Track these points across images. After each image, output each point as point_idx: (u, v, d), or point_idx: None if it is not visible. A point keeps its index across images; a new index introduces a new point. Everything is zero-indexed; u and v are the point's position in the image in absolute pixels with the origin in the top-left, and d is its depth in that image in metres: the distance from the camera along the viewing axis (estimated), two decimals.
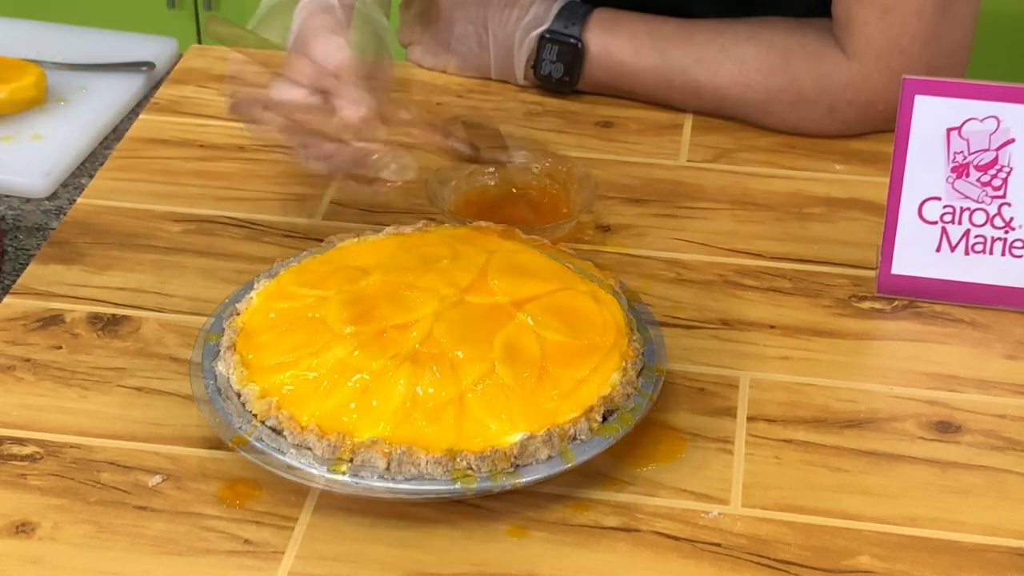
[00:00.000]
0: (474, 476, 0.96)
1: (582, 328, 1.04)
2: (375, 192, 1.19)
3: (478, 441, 0.97)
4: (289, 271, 1.11)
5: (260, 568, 0.95)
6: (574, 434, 0.99)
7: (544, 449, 0.98)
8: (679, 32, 1.39)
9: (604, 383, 1.01)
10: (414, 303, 1.05)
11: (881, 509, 1.00)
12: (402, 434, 0.97)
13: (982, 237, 1.16)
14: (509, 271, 1.08)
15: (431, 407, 0.98)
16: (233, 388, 1.02)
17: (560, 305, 1.05)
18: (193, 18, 2.70)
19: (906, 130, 1.14)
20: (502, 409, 0.99)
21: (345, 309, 1.04)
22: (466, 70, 1.47)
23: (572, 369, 1.01)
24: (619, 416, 1.01)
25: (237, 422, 1.00)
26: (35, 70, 1.41)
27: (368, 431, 0.98)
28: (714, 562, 0.96)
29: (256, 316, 1.07)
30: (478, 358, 1.01)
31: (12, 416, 1.06)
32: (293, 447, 0.98)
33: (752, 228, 1.27)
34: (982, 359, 1.13)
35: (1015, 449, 1.05)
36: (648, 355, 1.05)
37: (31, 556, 0.96)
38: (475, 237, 1.13)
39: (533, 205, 1.26)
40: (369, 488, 0.96)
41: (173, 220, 1.26)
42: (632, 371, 1.03)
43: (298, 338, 1.04)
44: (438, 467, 0.96)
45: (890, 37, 1.31)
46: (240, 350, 1.04)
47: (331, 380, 1.00)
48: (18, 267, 1.21)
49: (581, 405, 1.00)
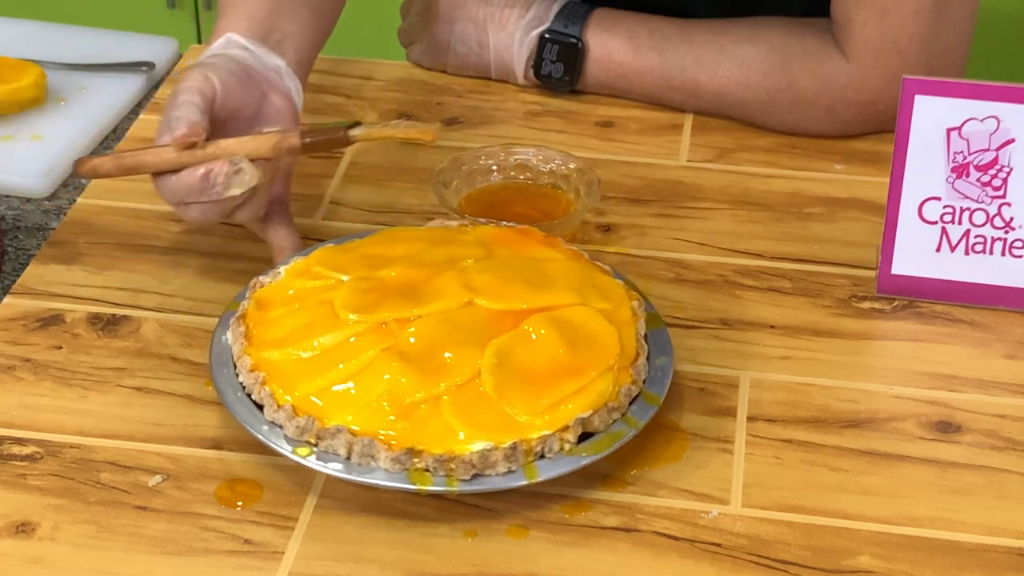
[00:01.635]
0: (430, 478, 0.96)
1: (582, 346, 1.02)
2: (234, 218, 1.15)
3: (441, 444, 0.97)
4: (325, 249, 1.12)
5: (260, 568, 0.95)
6: (542, 451, 0.98)
7: (505, 462, 0.97)
8: (679, 32, 1.39)
9: (586, 405, 0.99)
10: (422, 299, 1.05)
11: (881, 509, 1.00)
12: (370, 426, 0.98)
13: (982, 237, 1.16)
14: (530, 279, 1.07)
15: (406, 403, 0.99)
16: (232, 358, 1.04)
17: (569, 320, 1.04)
18: (193, 18, 2.70)
19: (906, 130, 1.14)
20: (472, 416, 0.98)
21: (355, 296, 1.05)
22: (466, 70, 1.47)
23: (557, 386, 1.00)
24: (596, 440, 0.99)
25: (227, 393, 1.02)
26: (35, 70, 1.41)
27: (337, 418, 0.98)
28: (714, 562, 0.96)
29: (276, 290, 1.09)
30: (466, 363, 1.00)
31: (12, 416, 1.06)
32: (266, 424, 1.00)
33: (752, 228, 1.27)
34: (982, 359, 1.13)
35: (1015, 449, 1.05)
36: (651, 382, 1.04)
37: (31, 556, 0.96)
38: (515, 241, 1.12)
39: (537, 203, 1.26)
40: (334, 472, 0.98)
41: (173, 220, 1.26)
42: (624, 397, 1.01)
43: (303, 318, 1.05)
44: (396, 464, 0.97)
45: (888, 38, 1.31)
46: (248, 322, 1.06)
47: (319, 364, 1.01)
48: (18, 267, 1.21)
49: (555, 423, 0.98)
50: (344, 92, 1.44)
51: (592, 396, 1.00)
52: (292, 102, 1.20)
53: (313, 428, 0.98)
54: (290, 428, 0.99)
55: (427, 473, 0.97)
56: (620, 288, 1.09)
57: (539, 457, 0.98)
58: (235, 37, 1.20)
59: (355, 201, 1.29)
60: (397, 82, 1.47)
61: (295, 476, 1.01)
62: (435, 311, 1.04)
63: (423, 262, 1.08)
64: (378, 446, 0.97)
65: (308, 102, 1.42)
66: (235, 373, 1.04)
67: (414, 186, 1.31)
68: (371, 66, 1.49)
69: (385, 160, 1.35)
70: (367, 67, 1.49)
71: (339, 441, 0.97)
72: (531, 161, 1.28)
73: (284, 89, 1.20)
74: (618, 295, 1.08)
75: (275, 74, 1.20)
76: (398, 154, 1.36)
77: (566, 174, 1.27)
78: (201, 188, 1.11)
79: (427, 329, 1.03)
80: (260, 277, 1.11)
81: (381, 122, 1.15)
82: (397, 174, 1.33)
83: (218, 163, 1.10)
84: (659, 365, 1.05)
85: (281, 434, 0.99)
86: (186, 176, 1.11)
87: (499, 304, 1.05)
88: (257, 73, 1.18)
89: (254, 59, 1.19)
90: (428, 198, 1.29)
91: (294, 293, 1.08)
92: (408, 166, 1.34)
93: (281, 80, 1.20)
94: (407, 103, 1.43)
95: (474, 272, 1.07)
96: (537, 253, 1.11)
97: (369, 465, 0.97)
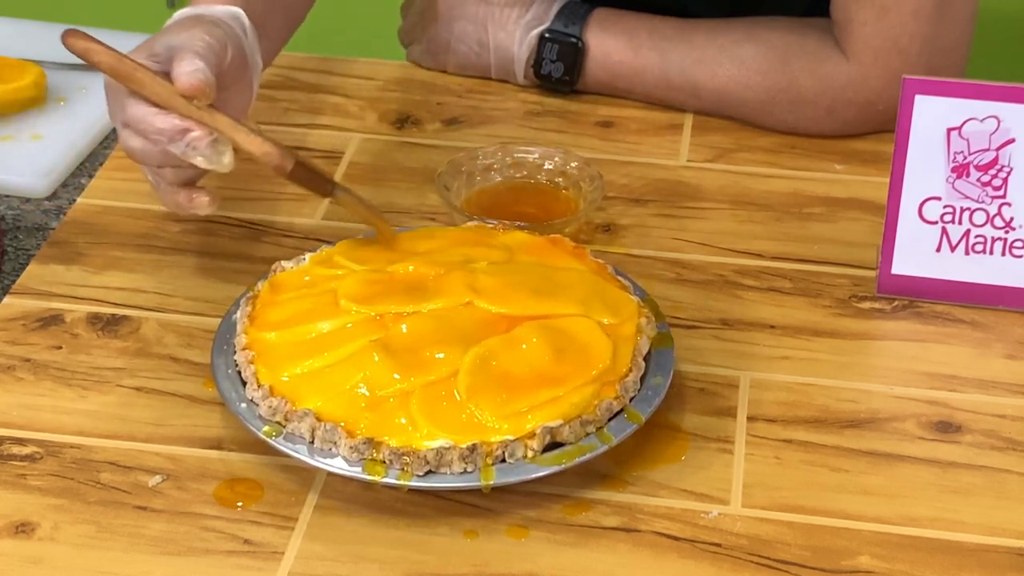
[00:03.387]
0: (384, 470, 0.97)
1: (570, 357, 1.02)
2: (165, 176, 1.11)
3: (400, 438, 0.98)
4: (352, 240, 1.14)
5: (260, 568, 0.95)
6: (502, 455, 0.98)
7: (460, 462, 0.97)
8: (679, 32, 1.39)
9: (555, 415, 0.99)
10: (425, 296, 1.05)
11: (881, 509, 1.00)
12: (337, 413, 0.99)
13: (982, 237, 1.16)
14: (537, 286, 1.07)
15: (378, 395, 0.99)
16: (234, 336, 1.06)
17: (563, 329, 1.03)
18: None
19: (906, 130, 1.14)
20: (437, 413, 0.98)
21: (359, 287, 1.06)
22: (466, 69, 1.47)
23: (532, 394, 0.99)
24: (563, 451, 0.99)
25: (219, 368, 1.04)
26: (35, 70, 1.41)
27: (308, 402, 0.99)
28: (714, 562, 0.96)
29: (293, 275, 1.10)
30: (447, 362, 1.00)
31: (12, 416, 1.06)
32: (245, 402, 1.01)
33: (752, 228, 1.27)
34: (982, 359, 1.13)
35: (1015, 449, 1.05)
36: (639, 400, 1.02)
37: (31, 556, 0.96)
38: (541, 249, 1.12)
39: (540, 202, 1.26)
40: (296, 455, 0.99)
41: (173, 220, 1.26)
42: (603, 412, 1.00)
43: (306, 303, 1.06)
44: (354, 452, 0.97)
45: (888, 37, 1.31)
46: (258, 303, 1.07)
47: (307, 348, 1.02)
48: (18, 267, 1.21)
49: (519, 430, 0.98)
50: (344, 92, 1.44)
51: (564, 407, 0.99)
52: (249, 103, 1.18)
53: (283, 409, 1.00)
54: (263, 407, 1.01)
55: (383, 465, 0.97)
56: (632, 305, 1.08)
57: (500, 461, 0.98)
58: (243, 17, 1.17)
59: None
60: (397, 82, 1.47)
61: (295, 476, 1.01)
62: (432, 308, 1.04)
63: (438, 260, 1.09)
64: (340, 433, 0.98)
65: (307, 102, 1.42)
66: (233, 350, 1.06)
67: (414, 186, 1.31)
68: (371, 66, 1.49)
69: (385, 160, 1.35)
70: (367, 67, 1.49)
71: (304, 424, 0.99)
72: (531, 159, 1.28)
73: (252, 89, 1.18)
74: (627, 311, 1.07)
75: (254, 71, 1.18)
76: (398, 154, 1.36)
77: (567, 172, 1.27)
78: (172, 138, 1.06)
79: (419, 325, 1.03)
80: (283, 262, 1.12)
81: (363, 200, 1.14)
82: (397, 174, 1.33)
83: (204, 131, 1.06)
84: (653, 384, 1.04)
85: (256, 413, 1.01)
86: (165, 119, 1.06)
87: (497, 307, 1.04)
88: (248, 65, 1.17)
89: (248, 50, 1.17)
90: (428, 198, 1.29)
91: (309, 280, 1.09)
92: (408, 166, 1.34)
93: (253, 80, 1.19)
94: (407, 103, 1.43)
95: (483, 274, 1.07)
96: (560, 262, 1.11)
97: (331, 451, 0.98)
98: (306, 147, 1.36)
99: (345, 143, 1.37)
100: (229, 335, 1.07)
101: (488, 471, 0.97)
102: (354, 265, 1.09)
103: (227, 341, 1.07)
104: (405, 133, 1.39)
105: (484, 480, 0.97)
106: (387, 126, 1.40)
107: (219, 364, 1.05)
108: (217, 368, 1.05)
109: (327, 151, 1.35)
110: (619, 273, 1.12)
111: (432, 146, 1.36)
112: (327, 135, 1.38)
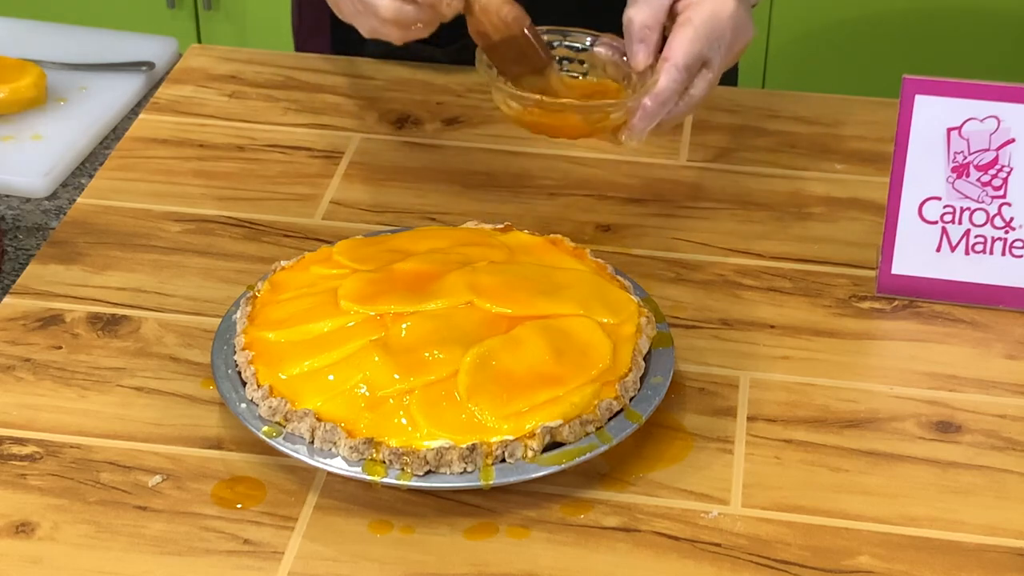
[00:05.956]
0: (384, 469, 0.97)
1: (569, 357, 1.02)
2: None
3: (400, 438, 0.98)
4: (351, 240, 1.14)
5: (260, 568, 0.95)
6: (502, 455, 0.98)
7: (460, 462, 0.97)
8: None
9: (556, 415, 0.99)
10: (425, 296, 1.05)
11: (881, 509, 1.00)
12: (337, 413, 0.99)
13: (982, 237, 1.16)
14: (537, 286, 1.07)
15: (378, 395, 0.99)
16: (234, 336, 1.06)
17: (563, 329, 1.04)
18: (193, 18, 2.70)
19: (906, 130, 1.14)
20: (437, 413, 0.98)
21: (359, 287, 1.06)
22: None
23: (532, 394, 0.99)
24: (562, 451, 0.99)
25: (219, 367, 1.04)
26: (35, 70, 1.41)
27: (309, 402, 1.00)
28: (714, 562, 0.96)
29: (293, 275, 1.10)
30: (447, 362, 1.00)
31: (12, 416, 1.06)
32: (245, 402, 1.01)
33: (752, 228, 1.27)
34: (982, 359, 1.13)
35: (1015, 449, 1.05)
36: (639, 400, 1.03)
37: (31, 556, 0.96)
38: (541, 249, 1.13)
39: (585, 88, 1.21)
40: (295, 454, 0.99)
41: (173, 220, 1.26)
42: (603, 412, 1.00)
43: (306, 303, 1.06)
44: (354, 453, 0.97)
45: None
46: (258, 302, 1.08)
47: (307, 348, 1.03)
48: (18, 267, 1.21)
49: (519, 430, 0.98)
50: (344, 92, 1.44)
51: (564, 407, 0.99)
52: None
53: (283, 410, 1.00)
54: (263, 408, 1.01)
55: (383, 465, 0.97)
56: (632, 305, 1.08)
57: (500, 461, 0.98)
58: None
59: (355, 201, 1.29)
60: (397, 82, 1.47)
61: (295, 476, 1.01)
62: (432, 308, 1.04)
63: (439, 261, 1.09)
64: (340, 433, 0.98)
65: (307, 102, 1.42)
66: (232, 350, 1.06)
67: (414, 186, 1.31)
68: (371, 66, 1.49)
69: (385, 160, 1.35)
70: (367, 67, 1.49)
71: (304, 425, 0.99)
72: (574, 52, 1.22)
73: None
74: (627, 311, 1.07)
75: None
76: (398, 154, 1.36)
77: (619, 64, 1.20)
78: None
79: (419, 325, 1.03)
80: (283, 262, 1.12)
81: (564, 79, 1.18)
82: (397, 174, 1.33)
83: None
84: (653, 384, 1.04)
85: (256, 413, 1.01)
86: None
87: (497, 307, 1.05)
88: None
89: None
90: (428, 198, 1.29)
91: (309, 279, 1.09)
92: (408, 166, 1.34)
93: None
94: (407, 103, 1.43)
95: (483, 274, 1.07)
96: (560, 262, 1.11)
97: (331, 451, 0.98)
98: (306, 147, 1.36)
99: (345, 143, 1.37)
100: (229, 335, 1.07)
101: (488, 471, 0.97)
102: (354, 265, 1.10)
103: (227, 341, 1.07)
104: (405, 133, 1.39)
105: (484, 480, 0.97)
106: (387, 126, 1.40)
107: (219, 364, 1.05)
108: (217, 368, 1.05)
109: (327, 151, 1.35)
110: (619, 273, 1.12)
111: (432, 146, 1.36)
112: (327, 135, 1.38)
